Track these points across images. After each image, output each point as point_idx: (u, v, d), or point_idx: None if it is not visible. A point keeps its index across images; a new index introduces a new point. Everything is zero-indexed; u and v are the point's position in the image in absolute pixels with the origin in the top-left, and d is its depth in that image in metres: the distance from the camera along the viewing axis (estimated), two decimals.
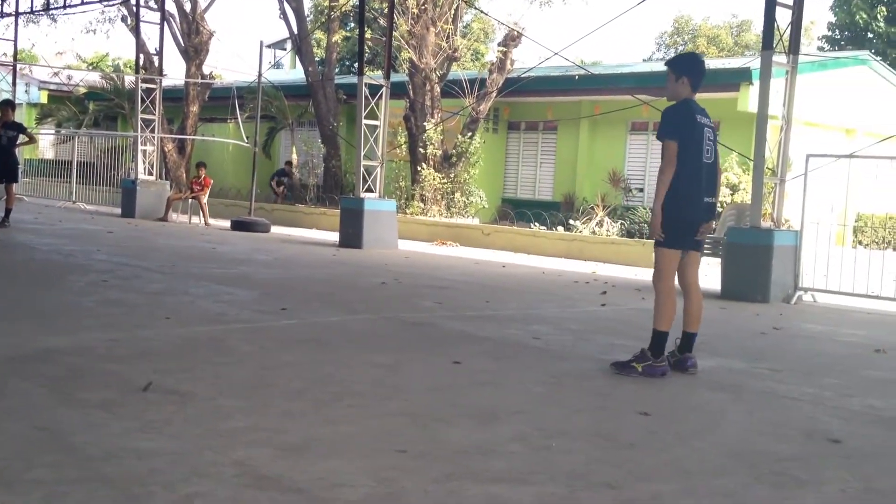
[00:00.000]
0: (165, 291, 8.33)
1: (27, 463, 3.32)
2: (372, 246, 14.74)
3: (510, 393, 5.03)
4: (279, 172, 24.56)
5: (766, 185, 10.93)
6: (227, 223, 18.50)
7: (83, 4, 22.10)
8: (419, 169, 19.69)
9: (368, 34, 21.06)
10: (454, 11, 20.89)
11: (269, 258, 12.33)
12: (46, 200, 23.12)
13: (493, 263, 13.58)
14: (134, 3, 21.82)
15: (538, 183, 23.68)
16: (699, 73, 5.89)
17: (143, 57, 21.62)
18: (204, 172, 19.54)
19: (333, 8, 23.52)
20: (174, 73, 26.20)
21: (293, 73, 35.67)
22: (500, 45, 20.39)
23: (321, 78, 23.16)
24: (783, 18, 10.68)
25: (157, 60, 21.13)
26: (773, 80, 10.51)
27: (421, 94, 19.90)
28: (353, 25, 32.34)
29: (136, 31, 21.39)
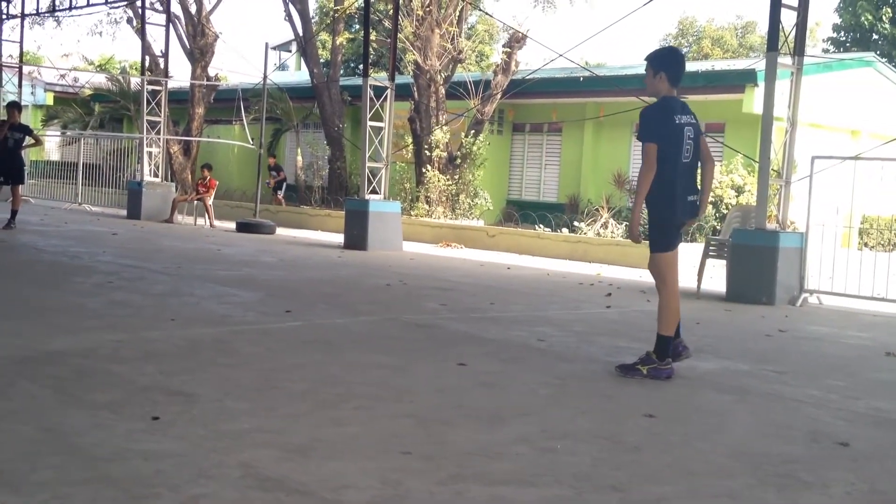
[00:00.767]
0: (171, 293, 8.35)
1: (33, 464, 3.32)
2: (377, 248, 14.75)
3: (515, 395, 5.03)
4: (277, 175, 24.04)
5: (771, 186, 10.91)
6: (232, 225, 18.53)
7: (89, 6, 22.13)
8: (424, 171, 19.69)
9: (373, 36, 21.10)
10: (459, 13, 20.91)
11: (274, 260, 12.34)
12: (52, 202, 23.18)
13: (497, 265, 13.58)
14: (139, 4, 21.87)
15: (543, 185, 23.68)
16: (677, 67, 5.76)
17: (148, 59, 21.68)
18: (209, 174, 19.58)
19: (338, 10, 23.54)
20: (180, 74, 26.24)
21: (298, 74, 35.73)
22: (504, 46, 20.41)
23: (326, 80, 23.20)
24: (788, 20, 10.67)
25: (162, 62, 21.19)
26: (778, 81, 10.50)
27: (426, 95, 19.91)
28: (358, 27, 32.36)
29: (141, 32, 21.45)
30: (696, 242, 15.95)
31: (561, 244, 16.02)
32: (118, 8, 25.16)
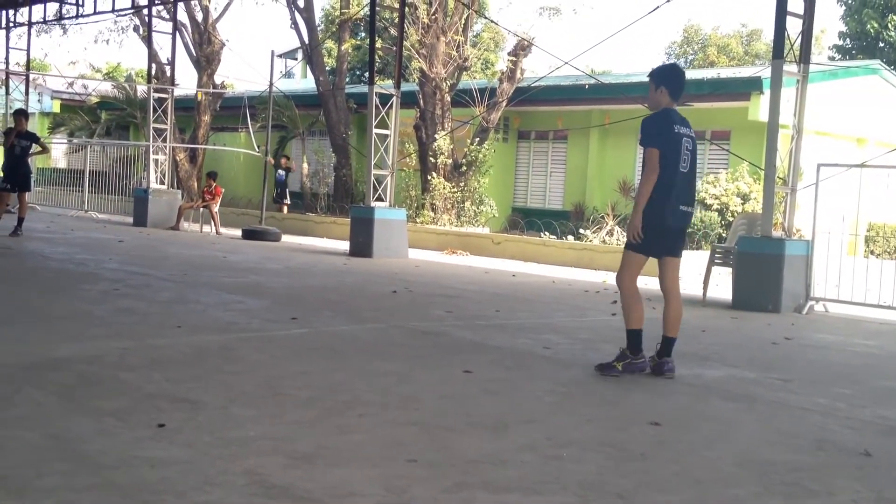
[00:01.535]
0: (177, 300, 8.36)
1: (38, 471, 3.33)
2: (382, 255, 14.76)
3: (521, 402, 5.02)
4: (281, 183, 23.25)
5: (777, 194, 10.91)
6: (238, 232, 18.56)
7: (95, 14, 22.20)
8: (429, 178, 19.71)
9: (379, 44, 21.13)
10: (464, 21, 20.94)
11: (279, 267, 12.35)
12: (59, 209, 23.23)
13: (503, 272, 13.58)
14: (146, 13, 21.95)
15: (548, 192, 23.68)
16: (678, 82, 6.07)
17: (155, 67, 21.75)
18: (215, 182, 19.62)
19: (344, 18, 23.59)
20: (186, 82, 26.34)
21: (304, 82, 35.80)
22: (510, 54, 20.41)
23: (332, 87, 23.24)
24: (794, 28, 10.67)
25: (169, 70, 21.24)
26: (783, 89, 10.50)
27: (431, 103, 19.94)
28: (363, 35, 32.44)
29: (148, 40, 21.52)
30: (701, 250, 15.95)
31: (566, 251, 16.01)
32: (125, 16, 25.25)
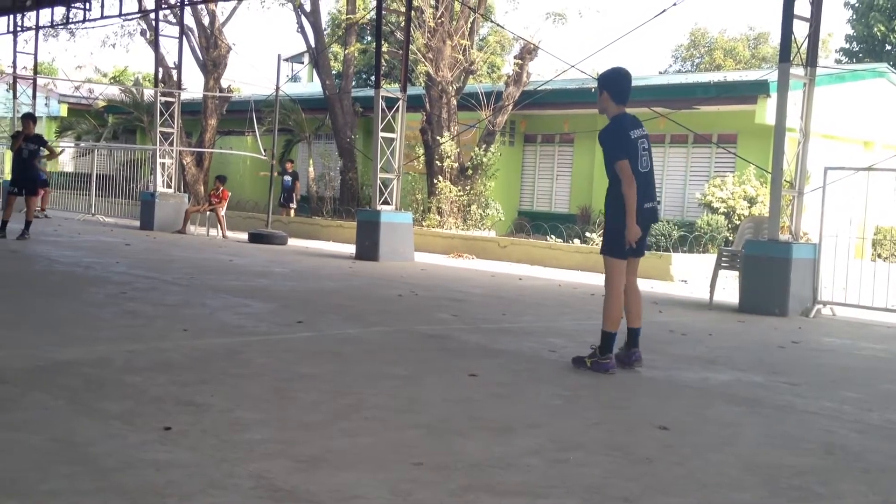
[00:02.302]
0: (183, 303, 8.37)
1: (44, 474, 3.33)
2: (388, 258, 14.76)
3: (526, 406, 5.02)
4: (287, 188, 23.20)
5: (783, 197, 10.88)
6: (244, 235, 18.58)
7: (103, 18, 22.27)
8: (436, 181, 19.72)
9: (385, 47, 21.15)
10: (471, 25, 20.95)
11: (286, 270, 12.36)
12: (66, 213, 23.28)
13: (509, 276, 13.57)
14: (153, 17, 22.01)
15: (554, 195, 23.67)
16: (619, 86, 6.12)
17: (161, 70, 21.81)
18: (222, 185, 19.65)
19: (350, 21, 23.63)
20: (193, 86, 26.40)
21: (310, 86, 35.87)
22: (516, 57, 20.42)
23: (338, 91, 23.27)
24: (800, 31, 10.65)
25: (175, 74, 21.30)
26: (790, 92, 10.48)
27: (437, 106, 19.95)
28: (370, 39, 32.47)
29: (155, 44, 21.58)
30: (708, 253, 15.92)
31: (572, 255, 16.00)
32: (132, 20, 25.34)
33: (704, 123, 19.22)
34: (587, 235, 17.53)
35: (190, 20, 23.21)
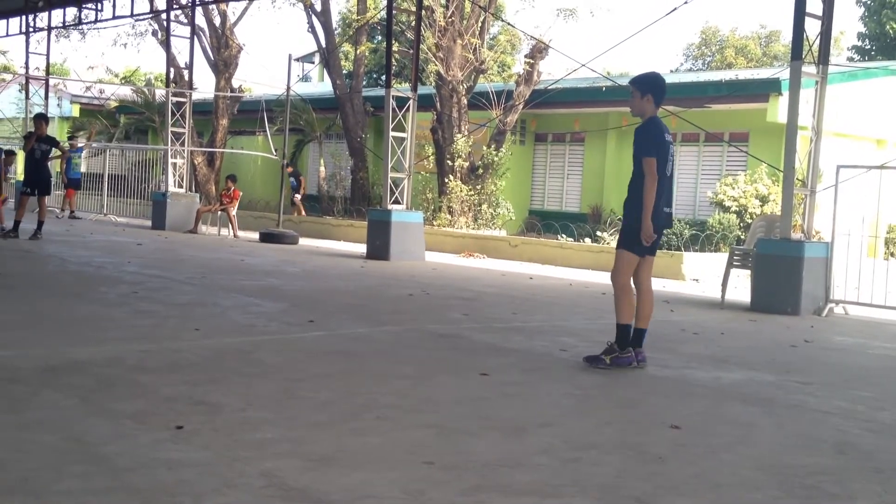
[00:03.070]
0: (195, 303, 8.39)
1: (57, 473, 3.34)
2: (399, 258, 14.77)
3: (538, 405, 5.01)
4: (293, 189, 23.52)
5: (796, 196, 10.84)
6: (255, 235, 18.62)
7: (114, 19, 22.35)
8: (446, 181, 19.71)
9: (396, 47, 21.17)
10: (481, 24, 20.93)
11: (297, 270, 12.38)
12: (78, 213, 23.34)
13: (520, 275, 13.56)
14: (164, 17, 22.07)
15: (565, 195, 23.63)
16: (662, 91, 6.46)
17: (173, 71, 21.86)
18: (233, 185, 19.69)
19: (361, 21, 23.64)
20: (204, 86, 26.45)
21: (321, 85, 35.90)
22: (526, 57, 20.39)
23: (349, 91, 23.29)
24: (812, 29, 10.61)
25: (187, 74, 21.35)
26: (802, 90, 10.44)
27: (448, 106, 19.94)
28: (380, 38, 32.49)
29: (166, 45, 21.64)
30: (720, 252, 15.87)
31: (583, 254, 15.97)
32: (143, 20, 25.40)
33: (716, 122, 19.16)
34: (598, 234, 17.50)
35: (201, 20, 23.30)
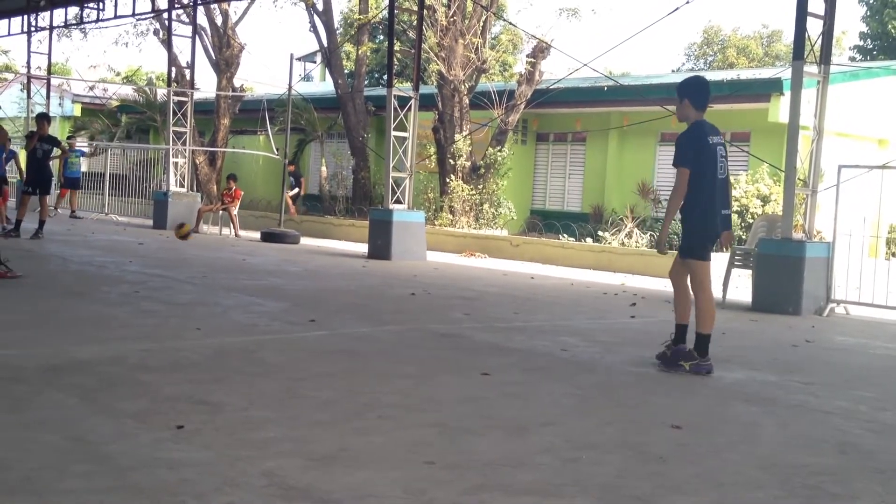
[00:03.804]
0: (197, 302, 8.40)
1: (60, 472, 3.35)
2: (401, 257, 14.77)
3: (539, 405, 5.02)
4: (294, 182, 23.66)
5: (797, 196, 10.84)
6: (257, 235, 18.62)
7: (116, 18, 22.35)
8: (448, 180, 19.71)
9: (397, 46, 21.16)
10: (483, 24, 20.92)
11: (298, 269, 12.39)
12: (80, 212, 23.36)
13: (521, 275, 13.56)
14: (166, 16, 22.07)
15: (567, 194, 23.61)
16: (699, 93, 6.42)
17: (174, 70, 21.86)
18: (234, 184, 19.69)
19: (363, 20, 23.64)
20: (205, 85, 26.47)
21: (323, 85, 35.88)
22: (528, 56, 20.38)
23: (350, 90, 23.28)
24: (814, 28, 10.60)
25: (188, 73, 21.35)
26: (804, 90, 10.44)
27: (450, 105, 19.94)
28: (382, 38, 32.52)
29: (167, 44, 21.64)
30: (721, 252, 15.86)
31: (585, 254, 15.97)
32: (145, 19, 25.41)
33: (717, 121, 18.85)
34: (600, 234, 17.50)
35: (203, 20, 23.26)
